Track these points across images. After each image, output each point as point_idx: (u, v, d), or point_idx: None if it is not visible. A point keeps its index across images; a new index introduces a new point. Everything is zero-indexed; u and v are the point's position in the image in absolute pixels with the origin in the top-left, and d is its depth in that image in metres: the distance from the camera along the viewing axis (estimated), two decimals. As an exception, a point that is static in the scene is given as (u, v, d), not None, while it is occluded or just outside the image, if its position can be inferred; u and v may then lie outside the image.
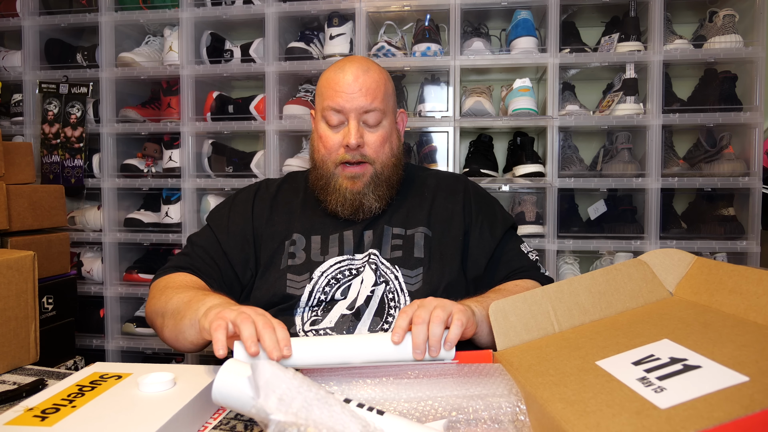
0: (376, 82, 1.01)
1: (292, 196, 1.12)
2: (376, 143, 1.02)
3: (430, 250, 1.02)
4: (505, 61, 1.84)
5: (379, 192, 1.03)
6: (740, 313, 0.59)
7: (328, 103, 1.01)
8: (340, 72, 1.01)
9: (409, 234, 1.04)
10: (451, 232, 1.05)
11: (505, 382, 0.62)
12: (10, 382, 0.89)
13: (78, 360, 1.61)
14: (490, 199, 1.14)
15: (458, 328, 0.71)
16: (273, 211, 1.09)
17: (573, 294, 0.72)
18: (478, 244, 1.05)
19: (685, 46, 1.76)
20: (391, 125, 1.05)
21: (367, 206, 1.03)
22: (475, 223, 1.07)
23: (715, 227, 1.75)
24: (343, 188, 1.02)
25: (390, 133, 1.05)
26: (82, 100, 2.04)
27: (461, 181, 1.14)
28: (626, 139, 1.81)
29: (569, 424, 0.48)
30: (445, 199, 1.09)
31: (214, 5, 1.97)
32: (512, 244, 1.09)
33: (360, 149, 1.01)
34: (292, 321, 0.95)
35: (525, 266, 1.06)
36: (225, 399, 0.57)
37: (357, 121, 1.00)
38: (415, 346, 0.70)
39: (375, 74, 1.02)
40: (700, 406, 0.44)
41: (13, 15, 2.07)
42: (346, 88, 0.99)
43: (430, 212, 1.07)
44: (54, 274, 1.59)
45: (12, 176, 1.51)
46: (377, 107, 1.00)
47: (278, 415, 0.44)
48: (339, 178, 1.02)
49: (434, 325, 0.71)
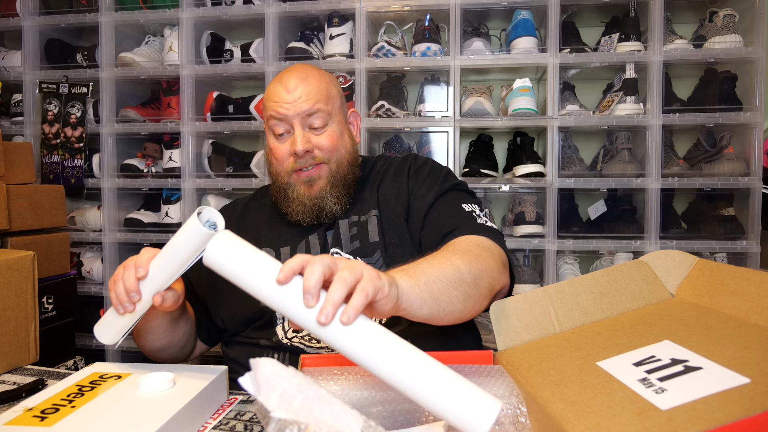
0: (316, 86, 1.01)
1: (259, 211, 1.12)
2: (326, 144, 1.01)
3: (383, 231, 1.00)
4: (505, 61, 1.84)
5: (337, 193, 1.02)
6: (741, 314, 0.59)
7: (270, 114, 1.01)
8: (279, 83, 1.01)
9: (363, 220, 1.02)
10: (398, 208, 1.02)
11: (505, 384, 0.62)
12: (10, 382, 0.89)
13: (78, 360, 1.61)
14: (431, 167, 1.07)
15: (361, 298, 0.56)
16: (240, 229, 1.06)
17: (574, 294, 0.72)
18: (415, 212, 1.01)
19: (685, 46, 1.76)
20: (340, 125, 1.04)
21: (327, 210, 1.01)
22: (413, 193, 1.03)
23: (715, 227, 1.75)
24: (301, 195, 1.01)
25: (340, 133, 1.03)
26: (82, 100, 2.03)
27: (408, 159, 1.10)
28: (626, 139, 1.81)
29: (570, 424, 0.48)
30: (392, 178, 1.07)
31: (214, 5, 1.97)
32: (446, 204, 0.99)
33: (309, 154, 1.00)
34: (274, 332, 0.95)
35: (456, 224, 0.93)
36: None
37: (302, 127, 0.99)
38: (305, 290, 0.56)
39: (314, 79, 1.01)
40: (701, 407, 0.43)
41: (13, 15, 2.06)
42: (286, 97, 0.99)
43: (378, 193, 1.05)
44: (54, 274, 1.59)
45: (12, 176, 1.50)
46: (320, 109, 0.99)
47: (279, 413, 0.44)
48: (295, 186, 1.01)
49: (334, 287, 0.56)
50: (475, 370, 0.66)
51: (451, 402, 0.52)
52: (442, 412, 0.52)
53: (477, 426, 0.50)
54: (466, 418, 0.51)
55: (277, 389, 0.47)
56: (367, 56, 1.87)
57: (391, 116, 1.88)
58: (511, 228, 1.90)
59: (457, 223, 0.93)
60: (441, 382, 0.53)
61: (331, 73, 1.10)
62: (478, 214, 0.95)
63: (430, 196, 1.00)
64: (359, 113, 1.28)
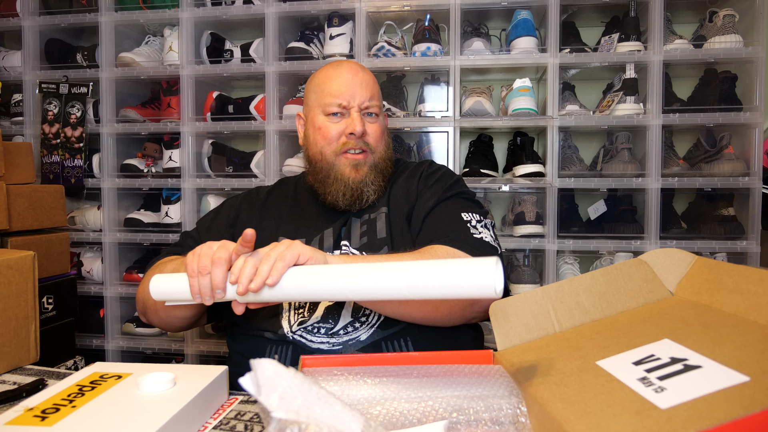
0: (372, 79, 1.09)
1: (281, 201, 1.16)
2: (376, 133, 1.07)
3: (391, 229, 1.03)
4: (505, 61, 1.84)
5: (378, 182, 1.07)
6: (741, 312, 0.59)
7: (329, 98, 1.06)
8: (338, 69, 1.08)
9: (373, 217, 1.05)
10: (404, 209, 1.06)
11: (505, 384, 0.62)
12: (10, 382, 0.89)
13: (78, 360, 1.61)
14: (443, 174, 1.10)
15: (280, 263, 0.72)
16: (262, 216, 1.12)
17: (573, 294, 0.72)
18: (416, 215, 1.04)
19: (685, 46, 1.76)
20: (383, 121, 1.12)
21: (366, 196, 1.06)
22: (420, 196, 1.06)
23: (715, 227, 1.75)
24: (345, 177, 1.05)
25: (384, 128, 1.11)
26: (82, 100, 2.04)
27: (424, 164, 1.15)
28: (626, 139, 1.81)
29: (569, 424, 0.48)
30: (405, 180, 1.11)
31: (214, 5, 1.97)
32: (445, 210, 1.00)
33: (361, 139, 1.05)
34: (279, 324, 0.96)
35: (447, 231, 0.94)
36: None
37: (359, 113, 1.06)
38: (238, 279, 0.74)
39: (369, 73, 1.10)
40: (701, 406, 0.43)
41: (13, 15, 2.07)
42: (348, 82, 1.05)
43: (390, 193, 1.09)
44: (54, 274, 1.59)
45: (12, 176, 1.51)
46: (375, 102, 1.07)
47: (279, 413, 0.44)
48: (341, 167, 1.05)
49: (264, 263, 0.73)
50: (475, 370, 0.67)
51: (455, 278, 0.60)
52: (450, 292, 0.61)
53: (490, 285, 0.58)
54: (476, 284, 0.59)
55: (277, 389, 0.47)
56: (367, 56, 1.87)
57: (391, 116, 1.88)
58: (511, 228, 1.90)
59: (448, 232, 0.94)
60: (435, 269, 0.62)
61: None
62: (474, 225, 0.95)
63: (432, 200, 1.02)
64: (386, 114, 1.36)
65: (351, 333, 0.93)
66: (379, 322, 0.93)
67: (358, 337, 0.92)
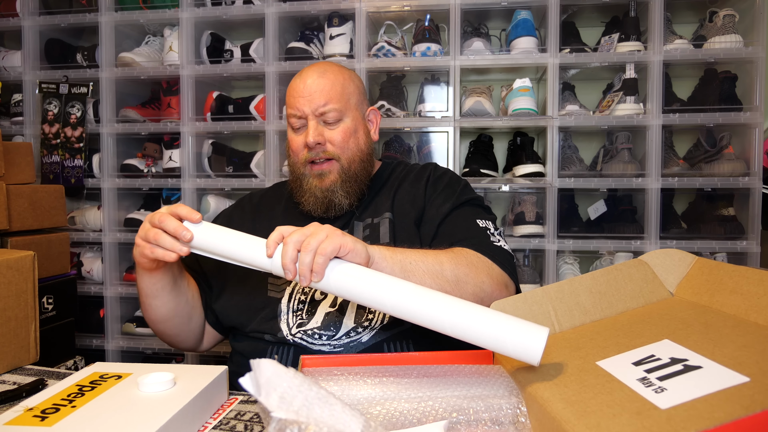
0: (332, 82, 1.04)
1: (275, 203, 1.16)
2: (337, 139, 1.05)
3: (395, 234, 1.02)
4: (505, 61, 1.84)
5: (348, 188, 1.05)
6: (741, 313, 0.59)
7: (289, 110, 1.07)
8: (299, 77, 1.07)
9: (376, 222, 1.05)
10: (411, 214, 1.05)
11: (505, 384, 0.62)
12: (10, 382, 0.89)
13: (78, 360, 1.61)
14: (450, 179, 1.10)
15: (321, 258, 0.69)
16: (256, 220, 1.12)
17: (574, 294, 0.72)
18: (429, 220, 1.03)
19: (685, 46, 1.76)
20: (354, 122, 1.07)
21: (336, 203, 1.05)
22: (429, 201, 1.05)
23: (715, 227, 1.75)
24: (313, 187, 1.05)
25: (354, 130, 1.07)
26: (82, 100, 2.04)
27: (429, 168, 1.13)
28: (626, 139, 1.81)
29: (569, 424, 0.48)
30: (410, 184, 1.10)
31: (214, 5, 1.97)
32: (461, 216, 1.02)
33: (321, 147, 1.04)
34: (278, 327, 0.95)
35: (467, 237, 0.96)
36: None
37: (315, 121, 1.04)
38: (283, 266, 0.71)
39: (331, 75, 1.05)
40: (701, 406, 0.43)
41: (13, 15, 2.07)
42: (302, 93, 1.04)
43: (394, 198, 1.08)
44: (54, 274, 1.59)
45: (12, 176, 1.51)
46: (333, 107, 1.03)
47: (279, 413, 0.44)
48: (309, 178, 1.06)
49: (304, 253, 0.69)
50: (475, 370, 0.67)
51: (502, 334, 0.60)
52: (492, 345, 0.61)
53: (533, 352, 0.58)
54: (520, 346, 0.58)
55: (277, 389, 0.47)
56: (367, 56, 1.87)
57: (391, 116, 1.88)
58: (511, 228, 1.90)
59: (469, 237, 0.96)
60: (485, 318, 0.61)
61: (353, 71, 1.13)
62: (492, 232, 0.98)
63: (446, 207, 1.02)
64: (379, 112, 1.32)
65: (353, 336, 0.93)
66: (381, 325, 0.93)
67: (360, 339, 0.92)
